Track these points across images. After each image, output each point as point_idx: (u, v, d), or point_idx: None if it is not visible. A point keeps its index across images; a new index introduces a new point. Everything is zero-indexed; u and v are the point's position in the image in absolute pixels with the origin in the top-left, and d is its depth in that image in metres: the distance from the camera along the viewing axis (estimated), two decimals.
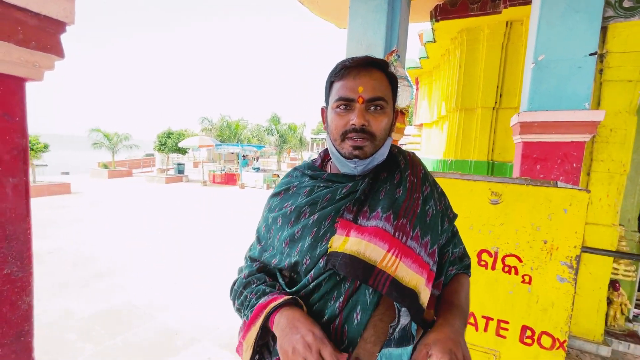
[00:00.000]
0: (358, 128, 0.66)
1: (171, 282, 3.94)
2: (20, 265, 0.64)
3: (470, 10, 2.99)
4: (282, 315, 0.63)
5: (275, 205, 0.78)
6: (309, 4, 3.29)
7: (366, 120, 0.67)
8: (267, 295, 0.68)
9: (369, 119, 0.67)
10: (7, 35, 0.57)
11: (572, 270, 1.47)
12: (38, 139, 10.15)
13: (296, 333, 0.59)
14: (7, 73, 0.60)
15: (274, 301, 0.65)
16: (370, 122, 0.67)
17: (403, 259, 0.64)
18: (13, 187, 0.61)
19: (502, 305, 1.59)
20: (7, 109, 0.60)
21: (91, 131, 15.90)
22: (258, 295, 0.69)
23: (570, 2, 1.99)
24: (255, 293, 0.70)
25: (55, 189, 9.90)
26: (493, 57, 3.26)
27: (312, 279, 0.66)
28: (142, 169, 20.03)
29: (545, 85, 2.08)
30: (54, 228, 6.15)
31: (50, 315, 3.08)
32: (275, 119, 21.28)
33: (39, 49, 0.62)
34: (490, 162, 3.35)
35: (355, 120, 0.66)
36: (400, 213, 0.68)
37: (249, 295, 0.71)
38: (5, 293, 0.61)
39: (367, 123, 0.67)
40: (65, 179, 13.27)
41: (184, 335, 2.85)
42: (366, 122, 0.66)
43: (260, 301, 0.67)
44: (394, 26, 2.49)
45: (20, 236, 0.63)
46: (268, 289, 0.70)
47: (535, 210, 1.53)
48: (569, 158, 2.06)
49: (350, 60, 0.68)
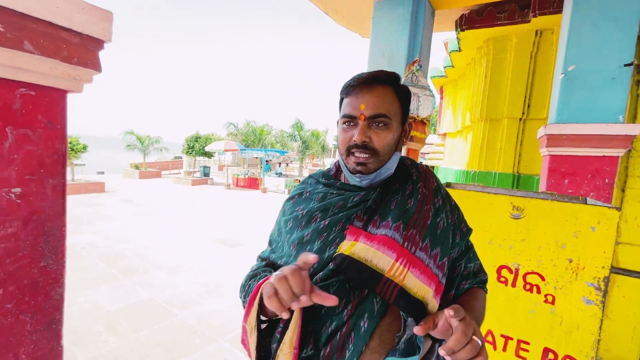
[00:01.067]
0: (360, 144, 0.69)
1: (191, 282, 4.06)
2: (55, 259, 0.71)
3: (497, 20, 2.93)
4: None
5: (289, 209, 0.82)
6: (334, 14, 3.35)
7: (367, 136, 0.69)
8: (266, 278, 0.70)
9: (371, 136, 0.69)
10: (53, 52, 0.65)
11: (599, 292, 1.39)
12: (78, 140, 10.88)
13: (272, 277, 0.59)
14: (52, 86, 0.68)
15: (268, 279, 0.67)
16: (372, 138, 0.69)
17: (411, 269, 0.65)
18: (52, 188, 0.68)
19: (523, 324, 1.53)
20: (51, 118, 0.68)
21: (125, 134, 16.81)
22: (257, 279, 0.72)
23: (603, 11, 1.91)
24: (257, 280, 0.73)
25: (91, 187, 10.53)
26: (521, 66, 3.16)
27: (320, 279, 0.68)
28: (170, 171, 20.87)
29: (576, 97, 1.99)
30: (88, 224, 6.53)
31: (80, 307, 3.27)
32: (298, 126, 21.54)
33: (80, 64, 0.69)
34: (516, 174, 3.22)
35: (356, 137, 0.69)
36: (410, 223, 0.69)
37: (252, 283, 0.74)
38: (41, 284, 0.68)
39: (368, 140, 0.69)
40: (100, 178, 14.09)
41: (202, 334, 2.93)
42: (367, 138, 0.69)
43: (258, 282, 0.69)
44: (417, 36, 2.48)
45: (56, 232, 0.70)
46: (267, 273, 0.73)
47: (560, 227, 1.47)
48: (600, 173, 1.95)
49: (355, 78, 0.71)
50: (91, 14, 0.67)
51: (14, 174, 0.63)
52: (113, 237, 5.78)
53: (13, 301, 0.66)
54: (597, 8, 1.94)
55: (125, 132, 16.88)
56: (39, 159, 0.67)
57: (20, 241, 0.66)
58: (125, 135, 16.81)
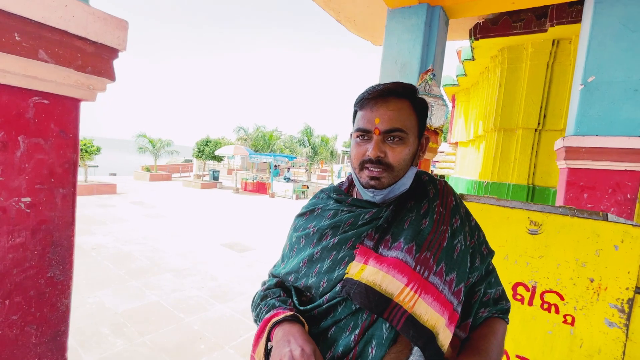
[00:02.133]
0: (374, 159, 0.66)
1: (198, 286, 4.06)
2: (62, 270, 0.70)
3: (512, 29, 2.88)
4: (280, 328, 0.64)
5: (300, 226, 0.80)
6: (346, 22, 3.35)
7: (382, 151, 0.66)
8: (273, 310, 0.70)
9: (386, 150, 0.67)
10: (68, 61, 0.64)
11: (623, 315, 1.32)
12: (92, 142, 11.11)
13: (286, 346, 0.59)
14: (65, 95, 0.68)
15: (276, 316, 0.67)
16: (387, 153, 0.67)
17: (423, 295, 0.61)
18: (62, 197, 0.68)
19: (540, 346, 1.46)
20: (64, 127, 0.67)
21: (138, 136, 17.12)
22: (268, 308, 0.71)
23: (625, 22, 1.86)
24: (266, 306, 0.72)
25: (103, 189, 10.71)
26: (537, 76, 3.10)
27: (327, 300, 0.66)
28: (180, 174, 21.13)
29: (596, 109, 1.93)
30: (98, 225, 6.62)
31: (88, 308, 3.29)
32: (308, 131, 21.61)
33: (94, 73, 0.69)
34: (531, 186, 3.14)
35: (370, 151, 0.66)
36: (424, 245, 0.65)
37: (263, 308, 0.73)
38: (47, 295, 0.67)
39: (382, 155, 0.66)
40: (112, 179, 14.34)
41: (207, 340, 2.91)
42: (382, 153, 0.66)
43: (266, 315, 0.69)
44: (431, 45, 2.46)
45: (64, 242, 0.70)
46: (277, 303, 0.72)
47: (581, 245, 1.40)
48: (622, 188, 1.88)
49: (369, 91, 0.68)
50: (106, 23, 0.67)
51: (24, 184, 0.63)
52: (123, 238, 5.84)
53: (19, 312, 0.65)
54: (618, 18, 1.89)
55: (137, 135, 17.18)
56: (50, 168, 0.67)
57: (28, 251, 0.65)
58: (138, 138, 17.11)
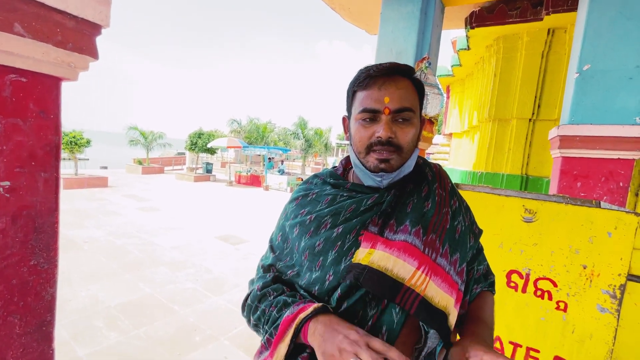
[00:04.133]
0: (384, 141, 0.63)
1: (193, 279, 4.04)
2: (46, 257, 0.67)
3: (508, 17, 2.85)
4: (318, 322, 0.58)
5: (292, 212, 0.75)
6: (340, 10, 3.29)
7: (393, 132, 0.63)
8: (292, 307, 0.62)
9: (396, 131, 0.63)
10: (46, 36, 0.60)
11: (615, 301, 1.34)
12: (82, 135, 10.90)
13: (338, 334, 0.54)
14: (45, 73, 0.64)
15: (302, 311, 0.60)
16: (397, 133, 0.63)
17: (433, 277, 0.61)
18: (44, 182, 0.64)
19: (533, 331, 1.48)
20: (44, 107, 0.64)
21: (129, 129, 16.82)
22: (279, 307, 0.64)
23: (621, 9, 1.85)
24: (276, 305, 0.65)
25: (94, 182, 10.55)
26: (532, 65, 3.09)
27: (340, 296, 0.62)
28: (173, 167, 20.90)
29: (591, 97, 1.93)
30: (90, 219, 6.53)
31: (80, 301, 3.26)
32: (302, 124, 21.48)
33: (75, 50, 0.65)
34: (525, 176, 3.16)
35: (381, 132, 0.62)
36: (430, 228, 0.65)
37: (268, 308, 0.66)
38: (31, 283, 0.64)
39: (393, 135, 0.63)
40: (103, 172, 14.12)
41: (202, 332, 2.90)
42: (393, 134, 0.63)
43: (284, 314, 0.62)
44: (426, 33, 2.43)
45: (48, 229, 0.66)
46: (289, 299, 0.64)
47: (574, 232, 1.41)
48: (614, 176, 1.89)
49: (374, 69, 0.64)
50: None
51: (2, 167, 0.59)
52: (116, 232, 5.77)
53: (0, 302, 0.62)
54: (614, 6, 1.87)
55: (128, 128, 16.89)
56: (30, 151, 0.63)
57: (8, 238, 0.62)
58: (129, 130, 16.82)
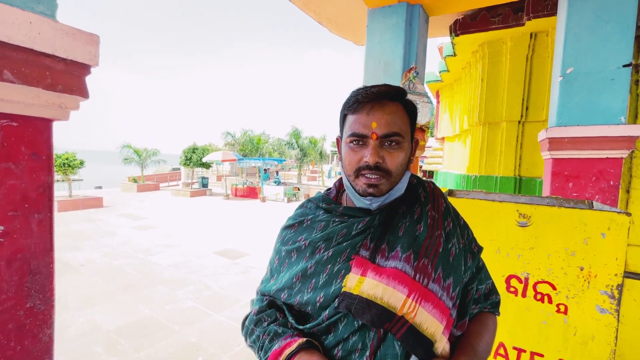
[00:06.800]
0: (372, 166, 0.63)
1: (193, 297, 3.99)
2: (42, 299, 0.66)
3: (491, 24, 2.92)
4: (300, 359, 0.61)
5: (289, 239, 0.76)
6: (327, 24, 3.35)
7: (380, 157, 0.64)
8: (280, 339, 0.65)
9: (384, 156, 0.64)
10: (36, 80, 0.61)
11: (613, 301, 1.34)
12: (75, 156, 10.82)
13: None
14: (36, 115, 0.64)
15: (288, 346, 0.63)
16: (385, 158, 0.64)
17: (423, 304, 0.60)
18: (38, 223, 0.64)
19: (536, 336, 1.48)
20: (36, 149, 0.64)
21: (122, 147, 16.75)
22: (271, 337, 0.67)
23: (599, 13, 1.90)
24: (268, 334, 0.68)
25: (89, 203, 10.44)
26: (517, 69, 3.16)
27: (327, 317, 0.63)
28: (168, 183, 20.77)
29: (576, 99, 1.97)
30: (86, 240, 6.45)
31: (79, 327, 3.20)
32: (296, 134, 21.54)
33: (65, 91, 0.66)
34: (518, 177, 3.19)
35: (369, 157, 0.63)
36: (422, 253, 0.64)
37: (262, 335, 0.68)
38: (28, 326, 0.63)
39: (381, 160, 0.64)
40: (98, 192, 13.99)
41: (204, 351, 2.86)
42: (380, 159, 0.64)
43: (273, 347, 0.64)
44: (412, 43, 2.47)
45: (43, 270, 0.66)
46: (280, 329, 0.67)
47: (569, 234, 1.43)
48: (604, 175, 1.92)
49: (363, 94, 0.65)
50: (75, 38, 0.63)
51: None
52: (112, 252, 5.70)
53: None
54: (592, 10, 1.93)
55: (122, 146, 16.81)
56: (23, 194, 0.63)
57: (3, 282, 0.61)
58: (123, 148, 16.74)
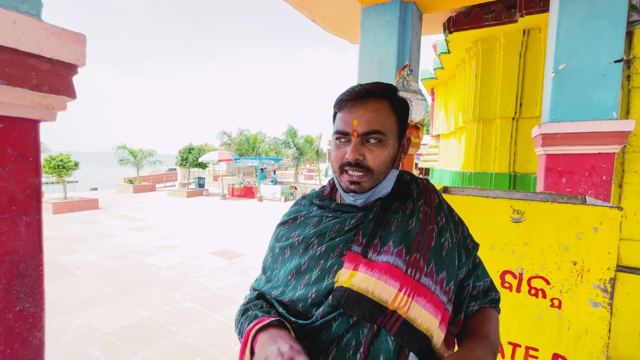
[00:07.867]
0: (352, 162, 0.65)
1: (191, 298, 3.98)
2: (32, 302, 0.65)
3: (484, 21, 2.93)
4: (266, 333, 0.61)
5: (282, 235, 0.77)
6: (321, 22, 3.34)
7: (361, 154, 0.65)
8: (255, 320, 0.65)
9: (365, 153, 0.65)
10: (21, 81, 0.60)
11: (606, 295, 1.36)
12: (69, 157, 10.73)
13: (273, 345, 0.56)
14: (22, 116, 0.63)
15: (259, 323, 0.63)
16: (366, 156, 0.65)
17: (416, 298, 0.60)
18: (26, 225, 0.63)
19: (530, 330, 1.49)
20: (22, 151, 0.63)
21: (117, 148, 16.63)
22: (250, 319, 0.67)
23: (590, 9, 1.92)
24: (248, 318, 0.68)
25: (84, 205, 10.36)
26: (511, 66, 3.17)
27: (321, 316, 0.63)
28: (164, 184, 20.67)
29: (568, 95, 1.99)
30: (82, 242, 6.41)
31: (75, 330, 3.17)
32: (292, 133, 21.52)
33: (51, 91, 0.65)
34: (512, 173, 3.21)
35: (349, 154, 0.65)
36: (413, 247, 0.65)
37: (244, 322, 0.68)
38: (17, 330, 0.63)
39: (361, 157, 0.65)
40: (93, 194, 13.90)
41: (203, 352, 2.85)
42: (361, 156, 0.65)
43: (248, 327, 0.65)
44: (406, 41, 2.48)
45: (32, 272, 0.65)
46: (260, 313, 0.67)
47: (562, 229, 1.44)
48: (597, 170, 1.94)
49: (347, 93, 0.67)
50: (61, 38, 0.62)
51: None
52: (109, 254, 5.67)
53: None
54: (584, 6, 1.94)
55: (117, 147, 16.70)
56: (10, 196, 0.62)
57: None
58: (118, 149, 16.63)
